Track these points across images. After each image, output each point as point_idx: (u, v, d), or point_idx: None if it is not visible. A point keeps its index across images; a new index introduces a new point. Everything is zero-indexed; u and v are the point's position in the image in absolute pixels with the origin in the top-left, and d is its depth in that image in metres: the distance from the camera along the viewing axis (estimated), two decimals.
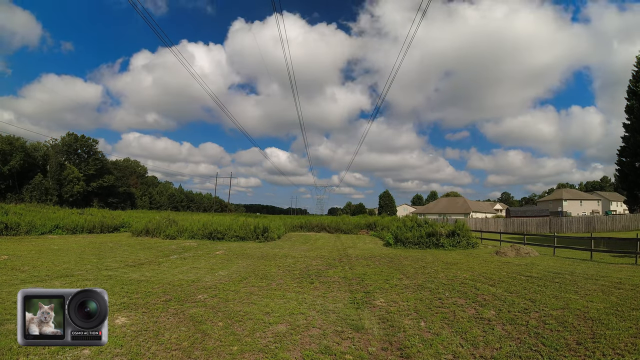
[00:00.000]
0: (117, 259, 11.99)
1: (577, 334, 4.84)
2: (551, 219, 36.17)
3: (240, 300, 6.71)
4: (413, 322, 5.50)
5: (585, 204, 73.93)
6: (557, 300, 6.68)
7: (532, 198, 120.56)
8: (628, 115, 36.47)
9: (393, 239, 19.29)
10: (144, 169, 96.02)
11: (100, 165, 68.29)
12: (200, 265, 11.11)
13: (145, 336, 4.66)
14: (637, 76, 35.87)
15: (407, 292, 7.57)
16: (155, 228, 22.71)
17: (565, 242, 17.21)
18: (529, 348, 4.40)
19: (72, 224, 23.99)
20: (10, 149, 56.39)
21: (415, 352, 4.32)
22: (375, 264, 11.84)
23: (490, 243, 21.24)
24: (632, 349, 4.32)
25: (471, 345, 4.54)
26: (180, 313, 5.75)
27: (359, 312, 6.02)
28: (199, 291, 7.34)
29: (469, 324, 5.36)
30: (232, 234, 21.20)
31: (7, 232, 20.20)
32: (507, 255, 14.37)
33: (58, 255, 12.33)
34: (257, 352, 4.27)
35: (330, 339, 4.78)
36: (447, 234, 18.08)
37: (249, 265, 11.35)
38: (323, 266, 11.29)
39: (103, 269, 9.71)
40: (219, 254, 14.34)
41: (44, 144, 64.39)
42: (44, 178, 58.99)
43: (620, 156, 37.38)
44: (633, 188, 35.99)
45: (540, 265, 11.47)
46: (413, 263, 12.10)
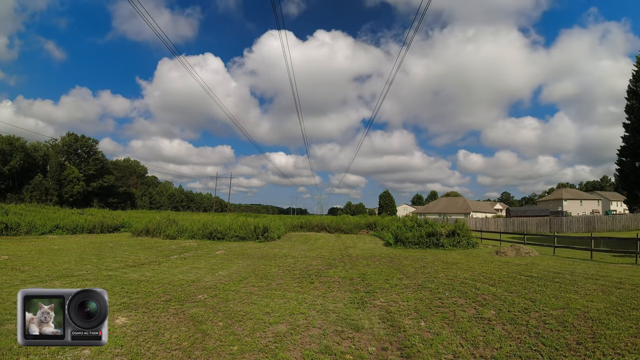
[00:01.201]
0: (117, 259, 11.99)
1: (577, 334, 4.84)
2: (551, 219, 36.16)
3: (241, 300, 6.71)
4: (413, 322, 5.50)
5: (586, 204, 73.93)
6: (557, 300, 6.68)
7: (532, 198, 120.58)
8: (628, 115, 36.44)
9: (393, 238, 19.29)
10: (143, 169, 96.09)
11: (100, 165, 68.33)
12: (200, 265, 11.11)
13: (145, 336, 4.66)
14: (637, 76, 35.85)
15: (407, 291, 7.57)
16: (155, 228, 22.71)
17: (566, 242, 17.20)
18: (529, 348, 4.40)
19: (72, 224, 23.99)
20: (11, 149, 56.41)
21: (415, 352, 4.32)
22: (375, 264, 11.83)
23: (491, 243, 21.24)
24: (632, 348, 4.32)
25: (471, 345, 4.54)
26: (180, 313, 5.75)
27: (359, 312, 6.02)
28: (199, 291, 7.34)
29: (469, 323, 5.36)
30: (232, 234, 21.19)
31: (7, 232, 20.20)
32: (507, 255, 14.36)
33: (58, 256, 12.33)
34: (257, 352, 4.27)
35: (330, 338, 4.78)
36: (447, 234, 18.07)
37: (249, 265, 11.35)
38: (323, 266, 11.29)
39: (103, 269, 9.71)
40: (219, 254, 14.34)
41: (44, 144, 64.47)
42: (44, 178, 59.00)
43: (620, 156, 37.34)
44: (633, 188, 35.95)
45: (540, 265, 11.47)
46: (413, 263, 12.10)
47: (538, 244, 18.55)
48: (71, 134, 67.52)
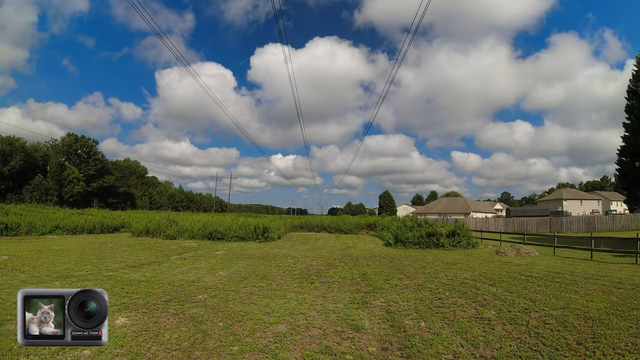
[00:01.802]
0: (117, 259, 11.99)
1: (577, 334, 4.84)
2: (551, 219, 36.14)
3: (241, 300, 6.71)
4: (413, 322, 5.50)
5: (586, 204, 73.93)
6: (558, 300, 6.68)
7: (532, 198, 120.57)
8: (628, 115, 36.48)
9: (393, 239, 19.28)
10: (143, 169, 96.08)
11: (100, 165, 68.36)
12: (200, 265, 11.11)
13: (145, 336, 4.66)
14: (637, 76, 35.88)
15: (407, 292, 7.57)
16: (155, 228, 22.72)
17: (566, 242, 17.20)
18: (529, 348, 4.39)
19: (72, 225, 24.00)
20: (11, 150, 56.43)
21: (415, 352, 4.32)
22: (375, 264, 11.83)
23: (491, 243, 21.23)
24: (633, 348, 4.32)
25: (471, 345, 4.54)
26: (180, 313, 5.75)
27: (359, 312, 6.02)
28: (199, 291, 7.34)
29: (469, 323, 5.36)
30: (232, 234, 21.19)
31: (7, 232, 20.21)
32: (508, 255, 14.36)
33: (58, 256, 12.33)
34: (257, 352, 4.27)
35: (330, 339, 4.78)
36: (447, 234, 18.06)
37: (249, 265, 11.34)
38: (323, 266, 11.29)
39: (103, 270, 9.71)
40: (219, 254, 14.34)
41: (44, 145, 64.48)
42: (44, 178, 59.01)
43: (621, 156, 37.38)
44: (633, 188, 35.98)
45: (540, 265, 11.47)
46: (413, 263, 12.09)
47: (538, 244, 18.55)
48: (71, 134, 67.59)
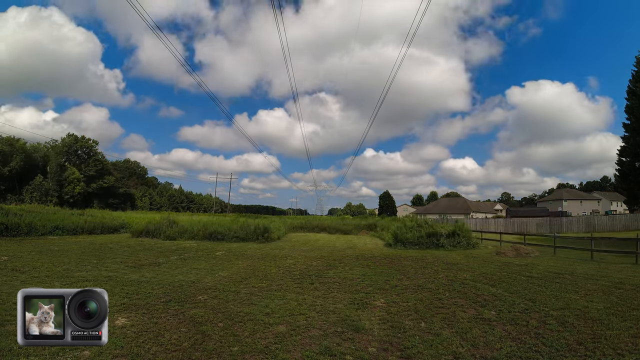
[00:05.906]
0: (117, 260, 11.98)
1: (577, 334, 4.84)
2: (551, 219, 36.13)
3: (241, 301, 6.71)
4: (413, 322, 5.49)
5: (586, 204, 73.96)
6: (558, 300, 6.68)
7: (532, 198, 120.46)
8: (628, 115, 36.51)
9: (393, 239, 19.26)
10: (144, 170, 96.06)
11: (101, 166, 68.31)
12: (200, 266, 11.10)
13: (145, 337, 4.66)
14: (636, 76, 35.92)
15: (407, 292, 7.56)
16: (155, 229, 22.68)
17: (566, 242, 17.20)
18: (529, 348, 4.39)
19: (72, 225, 23.96)
20: (11, 150, 56.46)
21: (415, 353, 4.32)
22: (375, 265, 11.82)
23: (491, 243, 21.20)
24: (633, 348, 4.32)
25: (471, 345, 4.54)
26: (180, 314, 5.74)
27: (359, 313, 6.02)
28: (199, 292, 7.34)
29: (469, 324, 5.35)
30: (232, 235, 21.16)
31: (7, 233, 20.18)
32: (508, 255, 14.36)
33: (58, 256, 12.32)
34: (257, 353, 4.27)
35: (330, 339, 4.78)
36: (448, 235, 18.05)
37: (249, 265, 11.34)
38: (323, 267, 11.28)
39: (103, 270, 9.70)
40: (219, 254, 14.33)
41: (44, 145, 64.47)
42: (44, 179, 58.99)
43: (620, 156, 37.40)
44: (633, 188, 35.98)
45: (540, 266, 11.46)
46: (413, 263, 12.09)
47: (538, 244, 18.52)
48: (71, 134, 67.64)
